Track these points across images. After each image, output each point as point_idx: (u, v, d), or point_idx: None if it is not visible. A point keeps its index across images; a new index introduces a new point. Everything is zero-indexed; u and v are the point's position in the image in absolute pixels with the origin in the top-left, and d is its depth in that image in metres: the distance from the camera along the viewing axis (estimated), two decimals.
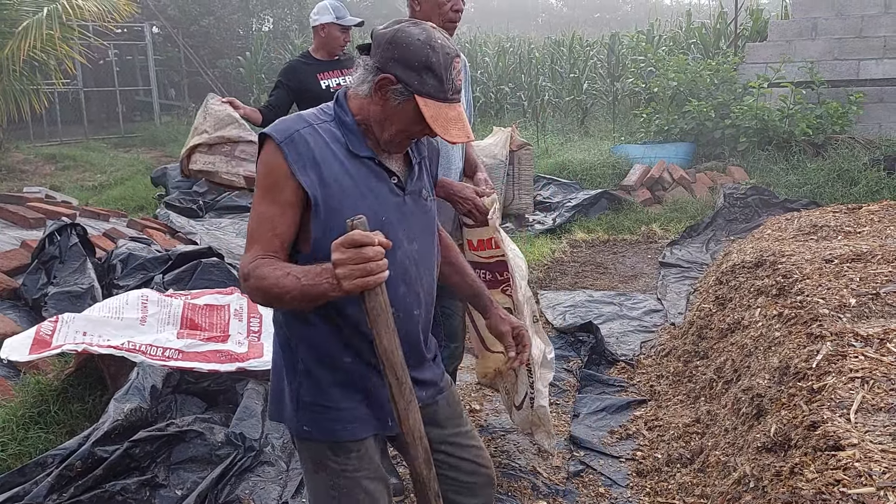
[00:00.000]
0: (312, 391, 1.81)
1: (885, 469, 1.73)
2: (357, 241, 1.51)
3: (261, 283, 1.63)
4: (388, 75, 1.68)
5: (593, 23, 33.10)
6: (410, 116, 1.70)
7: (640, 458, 3.27)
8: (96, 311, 3.56)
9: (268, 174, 1.69)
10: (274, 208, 1.69)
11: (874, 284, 2.97)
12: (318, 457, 1.84)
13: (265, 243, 1.70)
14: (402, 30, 1.70)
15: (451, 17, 2.80)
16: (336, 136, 1.74)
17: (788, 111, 9.00)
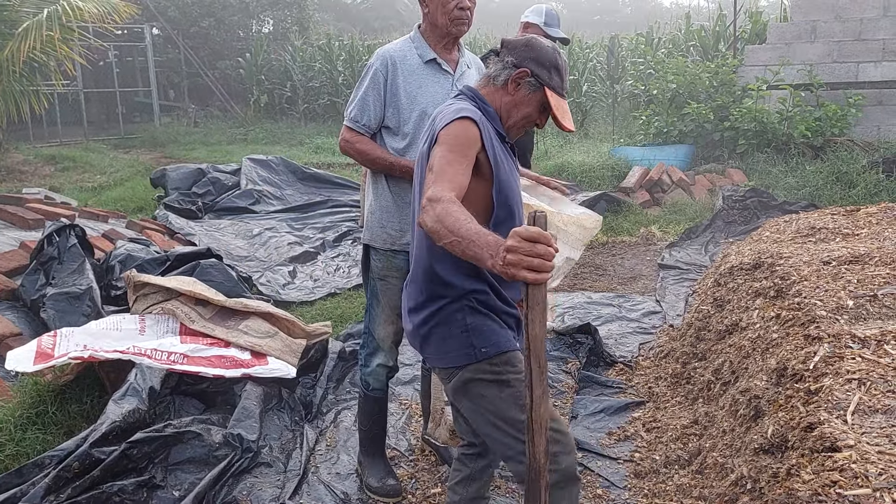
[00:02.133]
0: (480, 313, 2.10)
1: (881, 470, 1.73)
2: (534, 237, 1.63)
3: (445, 212, 1.78)
4: (525, 69, 2.12)
5: (593, 25, 33.11)
6: (535, 105, 2.15)
7: (638, 459, 3.27)
8: (93, 326, 3.57)
9: (464, 135, 2.00)
10: (463, 160, 1.99)
11: (872, 286, 2.97)
12: (499, 376, 2.07)
13: (453, 183, 1.92)
14: (533, 37, 2.19)
15: (458, 16, 2.77)
16: (491, 124, 2.12)
17: (787, 113, 9.01)
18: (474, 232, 1.74)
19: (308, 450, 3.35)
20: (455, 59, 2.91)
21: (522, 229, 1.65)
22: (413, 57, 2.85)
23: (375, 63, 2.83)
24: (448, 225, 1.77)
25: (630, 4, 45.41)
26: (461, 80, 2.88)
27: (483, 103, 2.16)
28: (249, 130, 16.36)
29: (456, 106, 2.11)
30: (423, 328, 2.16)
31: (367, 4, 33.75)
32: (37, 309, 4.32)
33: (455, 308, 2.11)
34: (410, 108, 2.81)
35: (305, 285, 5.96)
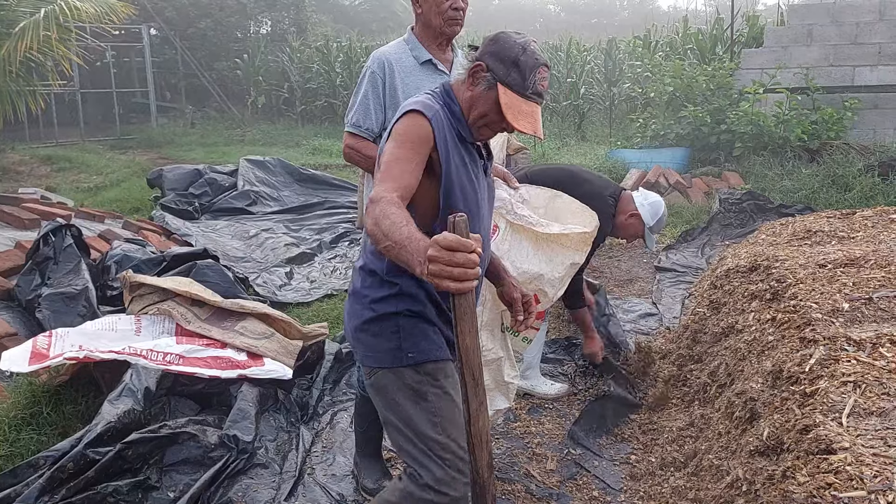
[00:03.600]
0: (414, 318, 2.04)
1: (876, 473, 1.73)
2: (451, 245, 1.55)
3: (383, 213, 1.73)
4: (480, 63, 2.01)
5: (590, 28, 33.15)
6: (491, 104, 2.00)
7: (633, 461, 3.27)
8: (89, 326, 3.56)
9: (414, 130, 1.93)
10: (413, 157, 1.91)
11: (867, 289, 2.97)
12: (419, 386, 2.02)
13: (398, 182, 1.85)
14: (504, 32, 2.07)
15: (451, 16, 2.77)
16: (450, 122, 2.02)
17: (784, 117, 9.03)
18: (406, 237, 1.66)
19: (304, 451, 3.34)
20: (450, 59, 2.92)
21: (441, 237, 1.55)
22: (408, 58, 2.85)
23: (372, 66, 2.83)
24: (384, 228, 1.70)
25: (627, 7, 45.51)
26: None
27: (450, 100, 2.07)
28: (246, 131, 16.35)
29: (413, 99, 2.04)
30: (356, 319, 2.12)
31: (364, 6, 33.75)
32: (32, 309, 4.31)
33: (391, 306, 2.05)
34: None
35: (302, 286, 5.95)
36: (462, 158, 2.04)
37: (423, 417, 2.01)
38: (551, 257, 2.71)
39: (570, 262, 2.73)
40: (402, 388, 2.03)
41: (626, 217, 3.84)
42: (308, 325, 4.05)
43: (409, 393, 2.03)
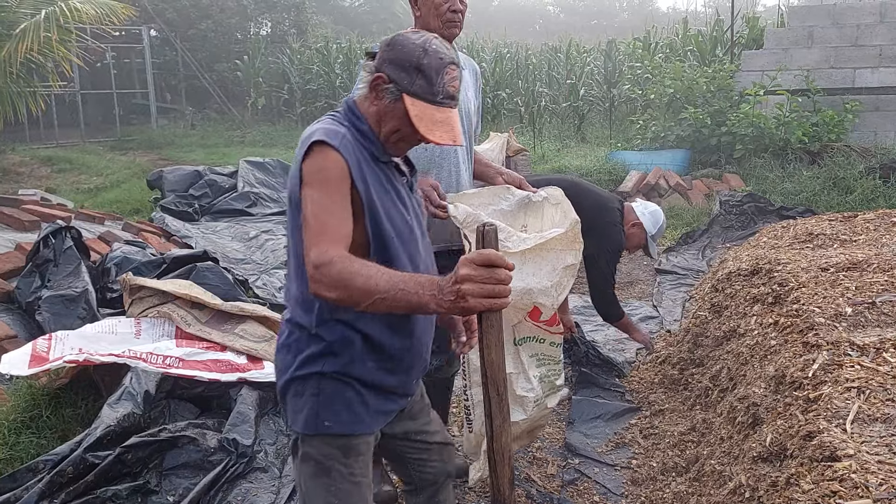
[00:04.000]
0: (339, 383, 1.82)
1: (881, 481, 1.72)
2: (491, 261, 1.51)
3: (345, 274, 1.59)
4: (381, 74, 1.78)
5: (590, 29, 33.17)
6: (402, 116, 1.77)
7: (635, 466, 3.26)
8: (88, 329, 3.55)
9: (330, 168, 1.71)
10: (339, 199, 1.71)
11: (870, 293, 2.96)
12: (325, 459, 1.82)
13: (338, 236, 1.68)
14: (400, 34, 1.83)
15: (450, 18, 2.75)
16: (360, 143, 1.80)
17: (784, 119, 9.02)
18: (398, 280, 1.58)
19: None
20: None
21: (476, 255, 1.52)
22: None
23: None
24: (359, 287, 1.58)
25: (627, 9, 45.53)
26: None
27: (356, 118, 1.84)
28: (247, 133, 16.35)
29: (314, 126, 1.80)
30: (282, 377, 1.89)
31: (365, 8, 33.76)
32: (32, 311, 4.30)
33: (317, 365, 1.82)
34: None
35: None
36: (381, 183, 1.82)
37: (320, 494, 1.83)
38: (538, 268, 2.60)
39: (563, 266, 2.65)
40: (309, 457, 1.85)
41: (630, 227, 3.88)
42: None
43: (313, 465, 1.84)
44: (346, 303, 1.64)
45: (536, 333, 2.72)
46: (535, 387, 2.72)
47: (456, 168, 2.89)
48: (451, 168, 2.87)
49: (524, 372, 2.72)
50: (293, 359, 1.84)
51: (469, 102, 2.93)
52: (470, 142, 2.98)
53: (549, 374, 2.83)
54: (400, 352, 1.86)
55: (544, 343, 2.76)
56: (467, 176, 2.97)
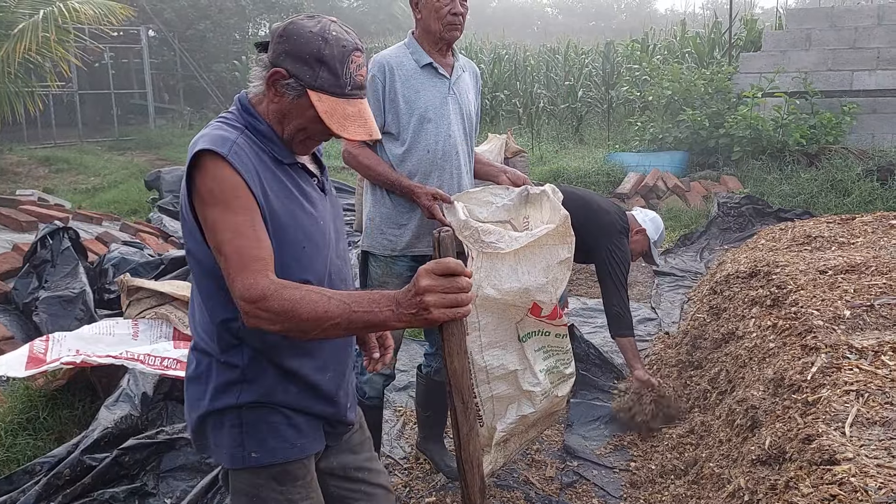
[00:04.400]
0: (260, 410, 1.66)
1: (880, 484, 1.72)
2: (453, 270, 1.46)
3: (287, 306, 1.47)
4: (279, 69, 1.60)
5: (588, 31, 33.19)
6: (308, 113, 1.62)
7: (634, 468, 3.25)
8: (86, 330, 3.54)
9: (226, 186, 1.54)
10: (248, 218, 1.54)
11: (868, 296, 2.97)
12: (256, 491, 1.68)
13: (259, 261, 1.52)
14: (294, 22, 1.64)
15: (451, 21, 2.75)
16: (259, 146, 1.64)
17: (782, 121, 9.03)
18: (350, 301, 1.48)
19: None
20: (450, 63, 2.91)
21: (433, 265, 1.46)
22: (409, 62, 2.84)
23: (373, 69, 2.81)
24: (307, 316, 1.47)
25: (625, 11, 45.58)
26: (457, 84, 2.90)
27: (253, 118, 1.67)
28: None
29: (201, 134, 1.63)
30: (195, 412, 1.72)
31: (363, 9, 33.75)
32: (29, 312, 4.29)
33: (231, 397, 1.66)
34: (409, 113, 2.80)
35: None
36: (286, 187, 1.66)
37: None
38: (532, 266, 2.58)
39: (557, 261, 2.62)
40: (240, 492, 1.70)
41: (634, 235, 3.92)
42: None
43: (245, 500, 1.70)
44: (291, 333, 1.53)
45: (541, 327, 2.73)
46: (541, 381, 2.74)
47: (458, 171, 2.90)
48: (452, 171, 2.88)
49: (530, 367, 2.72)
50: (205, 390, 1.68)
51: (470, 104, 2.96)
52: (470, 143, 3.00)
53: (558, 365, 2.85)
54: (317, 377, 1.71)
55: (550, 336, 2.78)
56: (468, 178, 2.99)
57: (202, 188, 1.55)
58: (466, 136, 2.95)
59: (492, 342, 2.64)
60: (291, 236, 1.63)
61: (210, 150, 1.54)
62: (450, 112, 2.85)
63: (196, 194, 1.56)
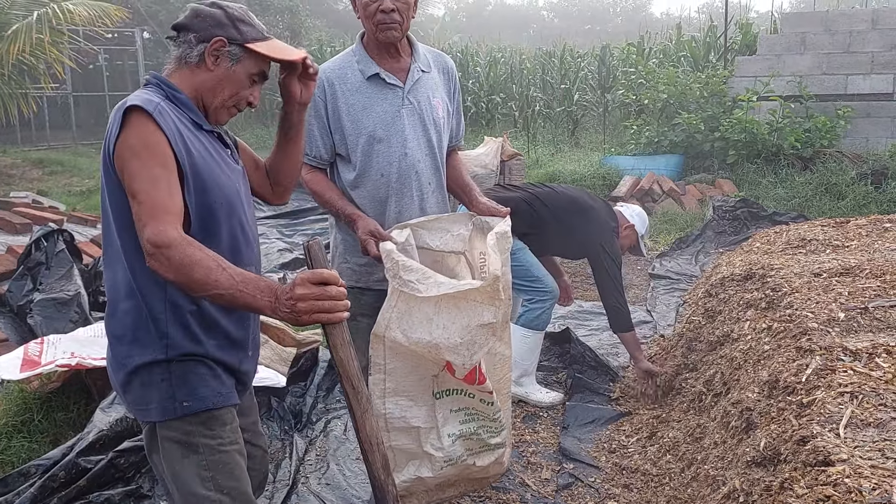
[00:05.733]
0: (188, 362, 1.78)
1: (874, 485, 1.73)
2: (326, 279, 1.61)
3: (186, 261, 1.59)
4: (219, 38, 1.81)
5: (584, 34, 33.27)
6: (243, 78, 1.86)
7: (629, 471, 3.26)
8: (80, 333, 3.53)
9: (149, 139, 1.67)
10: (165, 170, 1.67)
11: (863, 299, 2.98)
12: (188, 437, 1.77)
13: (172, 213, 1.65)
14: (196, 6, 1.86)
15: (380, 20, 2.41)
16: (179, 111, 1.79)
17: (777, 125, 9.06)
18: (239, 279, 1.61)
19: (297, 459, 3.32)
20: (405, 66, 2.54)
21: (310, 274, 1.61)
22: (354, 73, 2.53)
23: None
24: (199, 278, 1.59)
25: (621, 14, 45.68)
26: (415, 91, 2.55)
27: (172, 90, 1.82)
28: (239, 135, 16.30)
29: (123, 101, 1.74)
30: (122, 371, 1.80)
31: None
32: (24, 315, 4.28)
33: (159, 347, 1.76)
34: (356, 133, 2.50)
35: None
36: (205, 147, 1.82)
37: (191, 473, 1.76)
38: (450, 321, 2.21)
39: (478, 324, 2.20)
40: (170, 440, 1.78)
41: (623, 230, 4.03)
42: (302, 332, 4.03)
43: (177, 447, 1.78)
44: (181, 287, 1.65)
45: (462, 387, 2.38)
46: (445, 446, 2.40)
47: (419, 193, 2.57)
48: (413, 194, 2.56)
49: (437, 428, 2.40)
50: (129, 348, 1.78)
51: (435, 110, 2.59)
52: (438, 155, 2.63)
53: (481, 432, 2.47)
54: (232, 326, 1.86)
55: (474, 398, 2.41)
56: (436, 198, 2.65)
57: (126, 141, 1.68)
58: (432, 150, 2.59)
59: (398, 389, 2.33)
60: (211, 193, 1.78)
61: (137, 107, 1.68)
62: (404, 127, 2.51)
63: (119, 147, 1.68)
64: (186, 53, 1.83)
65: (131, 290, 1.76)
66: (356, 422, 1.67)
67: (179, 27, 1.85)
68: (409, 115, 2.52)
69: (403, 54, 2.56)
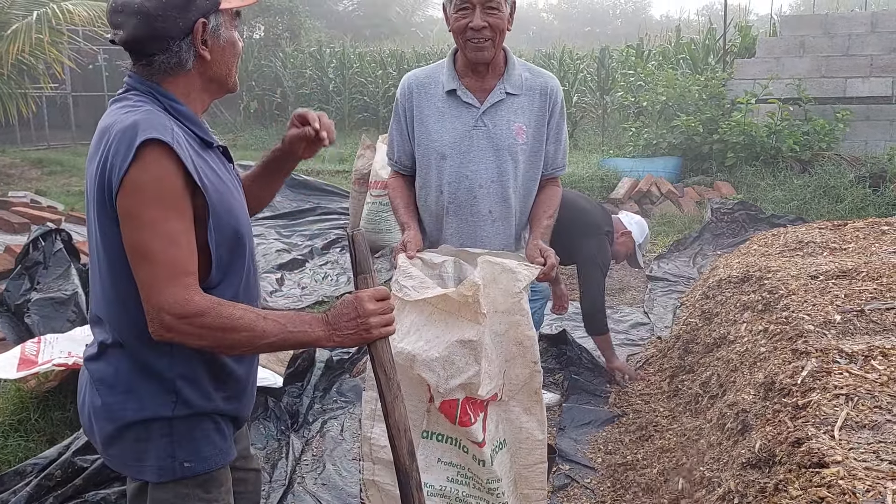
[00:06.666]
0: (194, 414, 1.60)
1: (868, 487, 1.73)
2: (383, 294, 1.61)
3: (227, 325, 1.46)
4: (201, 22, 1.55)
5: (583, 36, 33.29)
6: (233, 38, 1.63)
7: (625, 472, 3.26)
8: (78, 332, 3.54)
9: (167, 183, 1.45)
10: (187, 226, 1.48)
11: (859, 301, 2.98)
12: (182, 500, 1.61)
13: (193, 274, 1.48)
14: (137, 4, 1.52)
15: (470, 37, 2.31)
16: (185, 131, 1.56)
17: (776, 127, 9.08)
18: (283, 322, 1.51)
19: (294, 460, 3.32)
20: (489, 86, 2.42)
21: (373, 291, 1.59)
22: (437, 85, 2.45)
23: (399, 90, 2.51)
24: (243, 337, 1.48)
25: (621, 16, 45.74)
26: (491, 114, 2.41)
27: (173, 101, 1.57)
28: (239, 136, 16.32)
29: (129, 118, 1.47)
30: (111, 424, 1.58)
31: (358, 12, 33.80)
32: (21, 314, 4.28)
33: (164, 405, 1.56)
34: (425, 145, 2.44)
35: (293, 293, 5.93)
36: (215, 172, 1.59)
37: None
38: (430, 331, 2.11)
39: (457, 339, 2.06)
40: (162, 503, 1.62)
41: (619, 236, 4.08)
42: None
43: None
44: (216, 351, 1.55)
45: (455, 434, 2.17)
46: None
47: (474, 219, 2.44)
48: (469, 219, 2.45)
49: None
50: (124, 400, 1.56)
51: (513, 136, 2.42)
52: (513, 184, 2.46)
53: (470, 501, 2.22)
54: (244, 374, 1.72)
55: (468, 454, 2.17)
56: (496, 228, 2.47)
57: (139, 182, 1.43)
58: (502, 177, 2.43)
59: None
60: (230, 227, 1.58)
61: (155, 140, 1.43)
62: (472, 148, 2.40)
63: (128, 187, 1.43)
64: (177, 62, 1.56)
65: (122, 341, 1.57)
66: (386, 408, 1.68)
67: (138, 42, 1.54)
68: (479, 138, 2.41)
69: (493, 72, 2.42)
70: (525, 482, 2.26)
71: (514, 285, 2.14)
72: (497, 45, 2.33)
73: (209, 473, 1.63)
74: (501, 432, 2.22)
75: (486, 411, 2.15)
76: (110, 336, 1.58)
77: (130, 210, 1.44)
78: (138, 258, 1.45)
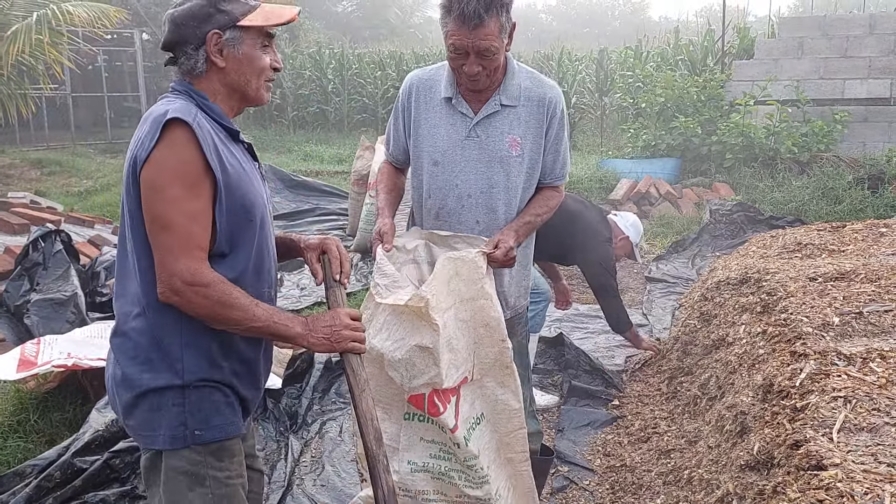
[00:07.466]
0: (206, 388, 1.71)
1: (866, 490, 1.74)
2: (359, 316, 1.84)
3: (226, 300, 1.63)
4: (213, 32, 1.72)
5: (582, 37, 33.31)
6: (254, 54, 1.77)
7: (623, 473, 3.26)
8: (77, 334, 3.54)
9: (188, 165, 1.61)
10: (205, 204, 1.65)
11: (857, 303, 2.99)
12: (196, 468, 1.70)
13: (205, 250, 1.66)
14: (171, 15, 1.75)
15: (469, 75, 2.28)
16: (213, 123, 1.72)
17: (774, 129, 9.09)
18: (272, 311, 1.71)
19: (293, 461, 3.32)
20: (484, 97, 2.38)
21: (351, 311, 1.82)
22: (437, 88, 2.43)
23: (402, 87, 2.51)
24: (237, 315, 1.65)
25: (619, 18, 45.75)
26: (485, 124, 2.38)
27: (201, 97, 1.74)
28: None
29: (164, 106, 1.67)
30: (129, 392, 1.70)
31: (357, 13, 33.81)
32: (21, 315, 4.29)
33: (173, 372, 1.68)
34: (418, 147, 2.44)
35: (292, 293, 5.93)
36: (238, 161, 1.75)
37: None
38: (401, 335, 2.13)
39: (414, 343, 2.09)
40: (177, 471, 1.70)
41: (617, 240, 4.20)
42: None
43: (184, 478, 1.70)
44: (209, 322, 1.67)
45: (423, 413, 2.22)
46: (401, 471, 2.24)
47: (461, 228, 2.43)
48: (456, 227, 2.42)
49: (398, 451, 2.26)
50: (141, 369, 1.68)
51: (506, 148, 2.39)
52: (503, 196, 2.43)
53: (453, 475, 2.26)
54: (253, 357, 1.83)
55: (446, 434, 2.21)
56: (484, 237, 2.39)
57: (163, 161, 1.60)
58: (491, 188, 2.39)
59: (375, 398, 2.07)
60: (244, 210, 1.73)
61: (179, 120, 1.61)
62: (463, 158, 2.38)
63: (154, 164, 1.60)
64: (193, 65, 1.74)
65: (143, 310, 1.69)
66: (354, 400, 1.82)
67: (170, 45, 1.76)
68: (471, 148, 2.38)
69: (491, 100, 2.40)
70: (507, 447, 2.38)
71: (475, 272, 2.22)
72: (493, 76, 2.33)
73: (220, 443, 1.74)
74: (478, 408, 2.31)
75: (459, 394, 2.23)
76: (135, 307, 1.70)
77: (154, 183, 1.61)
78: (158, 227, 1.61)
